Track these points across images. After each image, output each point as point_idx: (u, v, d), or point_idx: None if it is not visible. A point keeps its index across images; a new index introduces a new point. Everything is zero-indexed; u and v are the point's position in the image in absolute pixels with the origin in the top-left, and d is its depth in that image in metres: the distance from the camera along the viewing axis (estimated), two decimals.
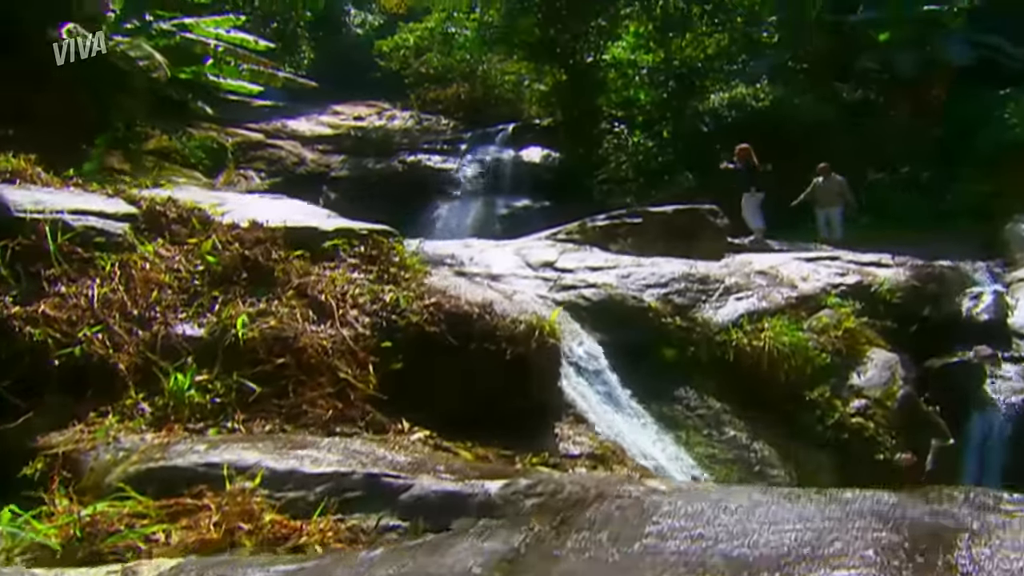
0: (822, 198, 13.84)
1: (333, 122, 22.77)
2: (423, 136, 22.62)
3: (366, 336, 4.44)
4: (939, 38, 17.61)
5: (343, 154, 20.84)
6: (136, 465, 2.98)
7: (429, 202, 19.96)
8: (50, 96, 12.73)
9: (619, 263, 7.63)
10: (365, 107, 24.81)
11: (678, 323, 6.70)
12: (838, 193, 13.72)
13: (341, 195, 19.63)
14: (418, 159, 21.06)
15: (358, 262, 5.48)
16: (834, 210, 13.77)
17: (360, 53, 25.96)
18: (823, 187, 13.82)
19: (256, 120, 20.99)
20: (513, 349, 4.79)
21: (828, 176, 13.84)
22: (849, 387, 6.64)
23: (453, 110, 24.72)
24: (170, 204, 5.03)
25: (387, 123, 23.51)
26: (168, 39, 12.56)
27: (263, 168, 19.13)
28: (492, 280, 7.22)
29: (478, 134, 22.46)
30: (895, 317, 7.75)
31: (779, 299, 7.24)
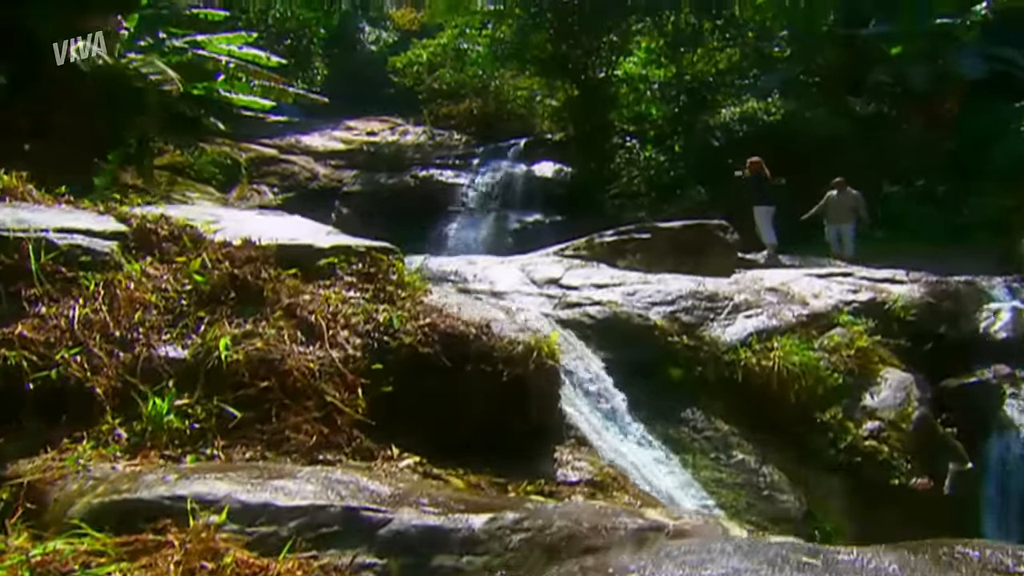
0: (834, 213, 13.46)
1: (346, 137, 22.76)
2: (435, 151, 22.56)
3: (356, 358, 4.26)
4: (952, 51, 17.30)
5: (355, 169, 20.82)
6: (101, 497, 2.80)
7: (441, 217, 19.87)
8: (65, 112, 12.76)
9: (625, 280, 7.41)
10: (378, 122, 24.81)
11: (685, 342, 6.47)
12: (852, 208, 13.32)
13: (353, 210, 19.59)
14: (430, 174, 20.99)
15: (355, 280, 5.31)
16: (846, 226, 13.35)
17: (374, 69, 26.03)
18: (837, 201, 13.47)
19: (270, 135, 21.03)
20: (510, 371, 4.59)
21: (843, 190, 13.46)
22: (862, 408, 6.36)
23: (466, 125, 24.67)
24: (162, 222, 4.89)
25: (400, 138, 23.48)
26: (180, 56, 12.55)
27: (276, 183, 19.13)
28: (496, 297, 7.04)
29: (490, 149, 22.38)
30: (910, 335, 7.46)
31: (789, 317, 6.99)
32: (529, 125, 24.74)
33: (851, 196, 13.39)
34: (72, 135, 13.02)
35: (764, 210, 12.74)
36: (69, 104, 12.68)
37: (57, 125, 12.87)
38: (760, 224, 12.67)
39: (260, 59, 13.74)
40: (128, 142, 12.68)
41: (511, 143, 22.45)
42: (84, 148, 13.20)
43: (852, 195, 13.41)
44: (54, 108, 12.79)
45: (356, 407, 3.99)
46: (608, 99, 22.03)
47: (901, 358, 7.15)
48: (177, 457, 3.37)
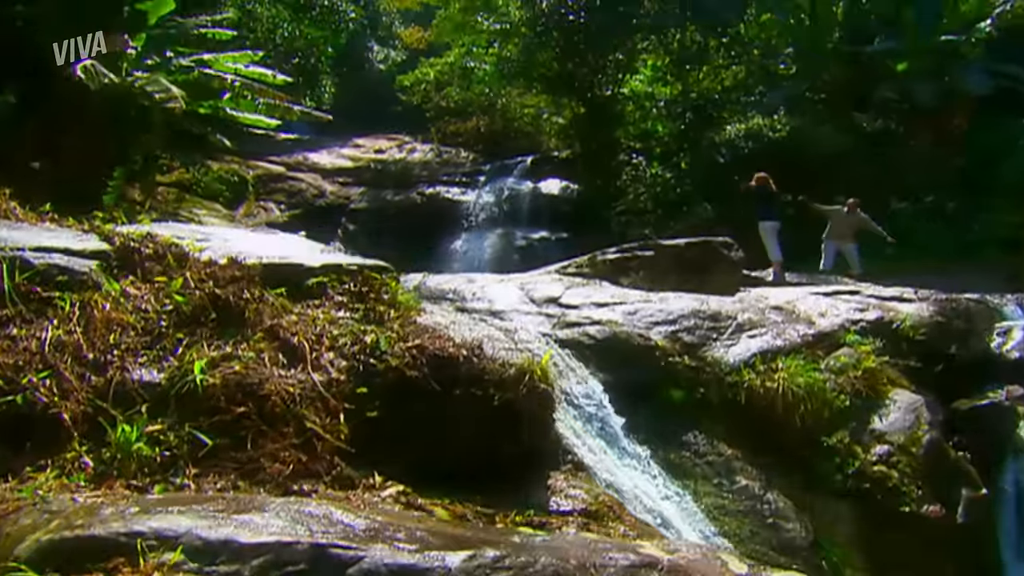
0: (836, 229, 13.18)
1: (354, 155, 22.74)
2: (442, 168, 22.50)
3: (340, 381, 4.07)
4: (958, 68, 17.09)
5: (363, 186, 20.76)
6: (52, 533, 2.61)
7: (447, 234, 19.76)
8: (73, 131, 12.74)
9: (626, 299, 7.20)
10: (386, 140, 24.80)
11: (687, 363, 6.24)
12: (857, 230, 13.10)
13: (359, 227, 19.51)
14: (437, 191, 20.89)
15: (346, 300, 5.14)
16: (849, 245, 13.10)
17: (383, 88, 26.09)
18: (843, 219, 13.20)
19: (278, 153, 21.02)
20: (502, 395, 4.39)
21: (853, 211, 13.21)
22: (870, 432, 6.09)
23: (473, 143, 24.64)
24: (147, 240, 4.74)
25: (407, 156, 23.45)
26: (187, 74, 12.50)
27: (283, 200, 19.07)
28: (494, 316, 6.85)
29: (496, 166, 22.29)
30: (919, 355, 7.19)
31: (795, 337, 6.75)
32: (536, 143, 24.69)
33: (860, 218, 13.17)
34: (80, 153, 12.99)
35: (770, 226, 12.45)
36: (77, 122, 12.66)
37: (65, 143, 12.86)
38: (766, 240, 12.37)
39: (266, 77, 13.69)
40: (134, 159, 12.63)
41: (518, 160, 22.35)
42: (92, 166, 13.15)
43: (861, 217, 13.19)
44: (62, 126, 12.77)
45: (338, 433, 3.80)
46: (614, 117, 21.93)
47: (910, 379, 6.87)
48: (144, 487, 3.18)
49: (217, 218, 17.38)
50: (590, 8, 19.64)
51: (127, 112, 12.19)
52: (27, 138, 12.88)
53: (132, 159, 12.56)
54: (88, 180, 13.08)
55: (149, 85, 11.04)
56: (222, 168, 18.78)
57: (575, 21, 19.80)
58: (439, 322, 6.33)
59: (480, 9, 20.24)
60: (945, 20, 17.64)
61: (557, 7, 19.49)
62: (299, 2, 18.61)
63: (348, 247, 19.15)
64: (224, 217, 17.70)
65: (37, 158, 13.19)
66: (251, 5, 15.80)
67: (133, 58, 12.48)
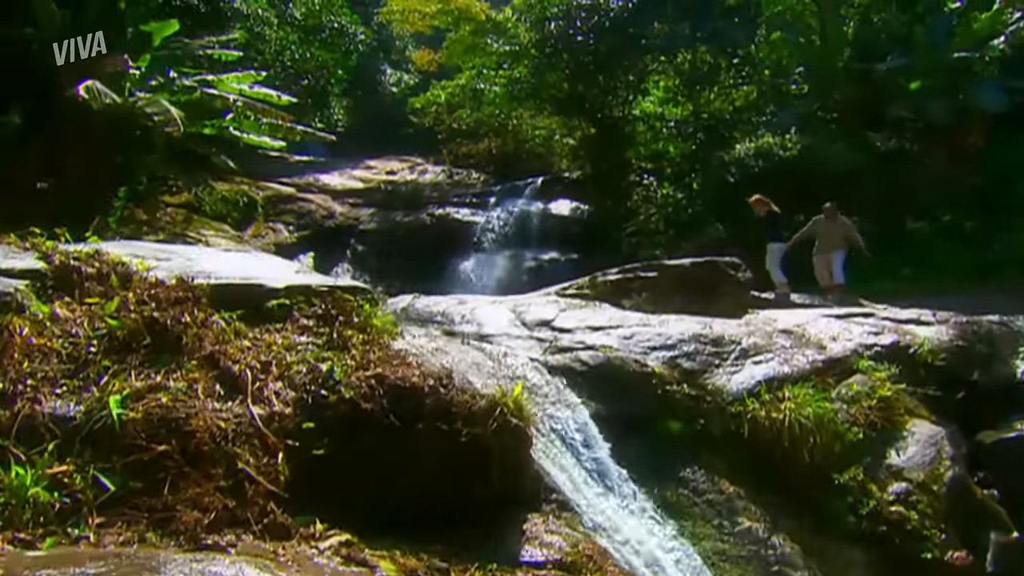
0: (823, 241, 12.01)
1: (365, 176, 22.44)
2: (453, 189, 22.13)
3: (284, 415, 3.58)
4: (972, 85, 16.46)
5: (372, 207, 20.42)
6: None
7: (456, 255, 19.33)
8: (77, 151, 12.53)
9: (624, 321, 6.67)
10: (398, 162, 24.52)
11: (686, 391, 5.68)
12: (842, 237, 11.84)
13: (368, 248, 19.14)
14: (446, 212, 20.50)
15: (312, 324, 4.67)
16: (836, 254, 11.78)
17: (396, 111, 25.90)
18: (825, 229, 12.04)
19: (289, 175, 20.78)
20: (470, 430, 3.87)
21: (834, 218, 12.02)
22: (886, 468, 5.48)
23: (484, 164, 24.30)
24: (92, 259, 4.30)
25: (418, 177, 23.12)
26: (189, 94, 12.23)
27: (292, 221, 18.76)
28: (482, 340, 6.34)
29: (507, 187, 21.91)
30: (939, 382, 6.55)
31: (803, 363, 6.17)
32: (547, 163, 24.29)
33: (841, 224, 11.99)
34: (84, 173, 12.77)
35: (777, 247, 11.79)
36: (81, 143, 12.44)
37: (69, 163, 12.63)
38: (770, 262, 11.66)
39: (271, 98, 13.42)
40: (138, 180, 12.35)
41: (528, 181, 21.96)
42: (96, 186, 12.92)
43: (843, 222, 12.01)
44: (67, 146, 12.56)
45: (275, 474, 3.30)
46: (625, 137, 21.51)
47: (930, 408, 6.24)
48: (32, 540, 2.70)
49: (225, 239, 17.08)
50: (599, 30, 19.28)
51: (130, 132, 11.95)
52: (32, 158, 12.67)
53: (135, 179, 12.28)
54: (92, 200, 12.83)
55: (149, 106, 10.76)
56: (232, 189, 18.55)
57: (584, 43, 19.44)
58: (421, 346, 5.83)
59: (490, 31, 19.94)
60: (957, 37, 17.05)
61: (566, 29, 19.15)
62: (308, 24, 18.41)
63: (356, 268, 18.80)
64: (232, 238, 17.41)
65: (42, 178, 12.98)
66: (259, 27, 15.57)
67: (137, 78, 12.26)
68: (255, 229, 18.12)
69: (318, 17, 18.63)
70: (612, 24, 19.21)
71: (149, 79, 12.34)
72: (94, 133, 12.23)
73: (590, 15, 19.01)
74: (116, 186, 12.60)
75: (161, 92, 12.06)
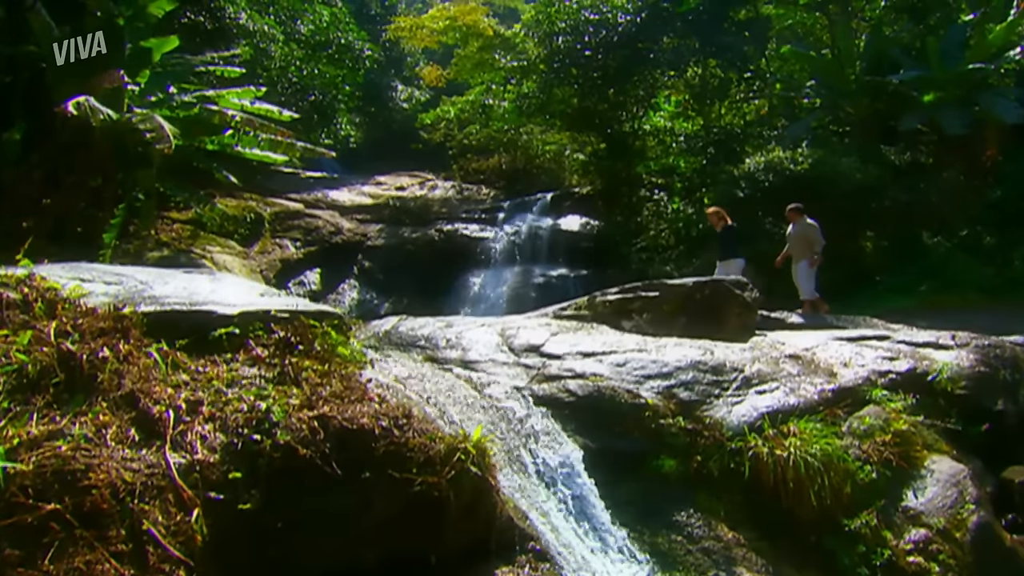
0: (795, 249, 10.67)
1: (374, 192, 22.10)
2: (462, 205, 21.73)
3: (208, 464, 3.09)
4: (987, 97, 15.79)
5: (381, 223, 20.04)
6: None
7: (464, 271, 18.90)
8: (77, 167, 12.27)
9: (619, 347, 6.13)
10: (408, 177, 24.19)
11: (682, 424, 5.12)
12: (809, 240, 10.44)
13: (375, 264, 18.74)
14: (455, 228, 20.09)
15: (268, 353, 4.19)
16: (799, 265, 10.51)
17: (407, 127, 25.63)
18: (791, 235, 10.79)
19: (298, 190, 20.49)
20: (424, 478, 3.36)
21: (798, 221, 10.68)
22: (903, 512, 4.89)
23: (495, 179, 23.92)
24: (21, 284, 3.86)
25: (428, 193, 22.75)
26: (188, 110, 11.91)
27: (299, 237, 18.41)
28: (465, 367, 5.85)
29: (516, 203, 21.50)
30: (960, 413, 5.94)
31: (811, 393, 5.59)
32: (558, 179, 23.88)
33: (803, 227, 10.57)
34: (83, 189, 12.51)
35: (737, 264, 10.77)
36: (82, 159, 12.18)
37: (69, 179, 12.37)
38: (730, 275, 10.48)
39: (272, 113, 13.10)
40: (135, 196, 12.04)
41: (537, 196, 21.55)
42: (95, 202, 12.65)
43: (806, 225, 10.57)
44: (67, 163, 12.31)
45: (187, 535, 2.81)
46: (635, 152, 21.04)
47: (950, 442, 5.64)
48: None
49: (230, 255, 16.78)
50: (608, 45, 18.84)
51: (128, 149, 11.64)
52: (33, 174, 12.43)
53: (132, 196, 11.97)
54: (91, 216, 12.56)
55: (143, 123, 10.42)
56: (240, 205, 18.26)
57: (593, 58, 19.01)
58: (396, 374, 5.36)
59: (498, 47, 19.58)
60: (972, 49, 16.41)
61: (574, 44, 18.72)
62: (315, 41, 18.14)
63: (363, 284, 18.39)
64: (238, 254, 17.10)
65: (44, 194, 12.72)
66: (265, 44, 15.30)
67: (137, 94, 11.96)
68: (261, 245, 17.80)
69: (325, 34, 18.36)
70: (621, 39, 18.76)
71: (149, 95, 12.05)
72: (94, 149, 11.95)
73: (598, 30, 18.58)
74: (116, 203, 12.29)
75: (159, 108, 11.75)
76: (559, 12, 18.57)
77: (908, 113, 16.04)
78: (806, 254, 10.48)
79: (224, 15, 14.45)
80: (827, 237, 15.20)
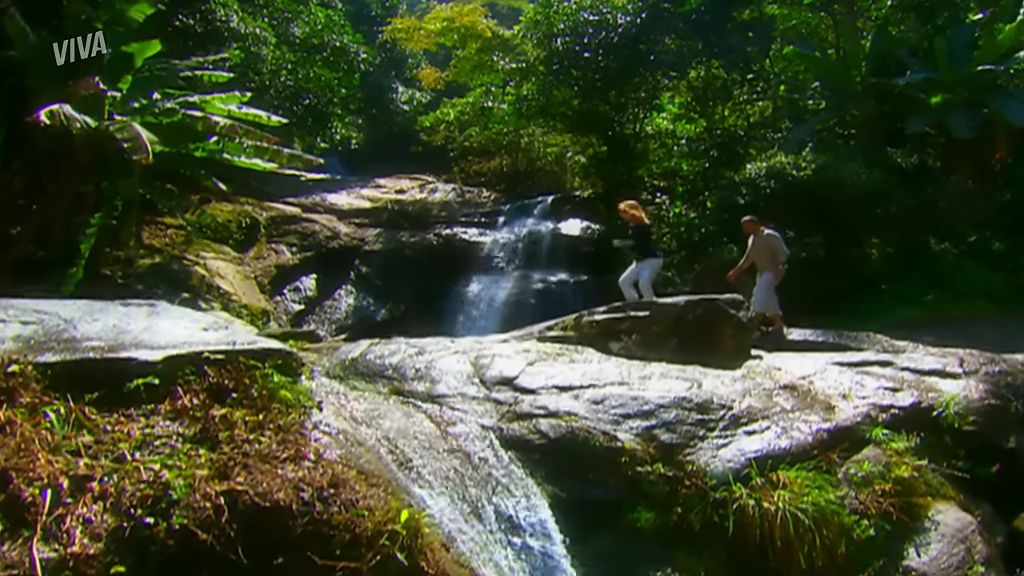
0: (758, 262, 10.08)
1: (373, 195, 21.65)
2: (462, 208, 21.26)
3: (87, 557, 2.63)
4: (997, 99, 15.15)
5: (379, 228, 19.58)
6: None
7: (463, 276, 18.45)
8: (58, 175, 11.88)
9: (599, 379, 5.64)
10: (408, 180, 23.72)
11: (661, 471, 4.63)
12: (773, 251, 9.81)
13: (373, 270, 18.30)
14: (454, 232, 19.62)
15: (195, 404, 3.73)
16: (765, 275, 9.82)
17: (408, 128, 25.18)
18: (753, 248, 10.16)
19: (296, 194, 20.07)
20: (347, 564, 2.89)
21: (757, 233, 10.11)
22: (903, 572, 4.38)
23: (496, 182, 23.45)
24: None
25: (427, 196, 22.28)
26: (171, 117, 11.47)
27: (295, 242, 17.98)
28: (431, 403, 5.37)
29: (516, 206, 21.02)
30: (968, 452, 5.41)
31: (805, 434, 5.07)
32: (560, 181, 23.39)
33: (764, 238, 9.98)
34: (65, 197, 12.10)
35: (655, 262, 9.89)
36: (63, 166, 11.78)
37: (53, 188, 11.98)
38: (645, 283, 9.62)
39: (261, 119, 12.62)
40: (114, 205, 11.62)
41: (538, 200, 21.08)
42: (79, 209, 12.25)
43: (767, 236, 9.96)
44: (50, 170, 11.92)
45: None
46: (637, 155, 20.51)
47: (957, 487, 5.11)
48: None
49: (224, 261, 16.37)
50: (608, 46, 18.27)
51: (109, 157, 11.21)
52: (15, 180, 12.05)
53: (112, 204, 11.55)
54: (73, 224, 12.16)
55: (120, 132, 9.97)
56: (235, 210, 17.86)
57: (592, 59, 18.45)
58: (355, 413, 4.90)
59: (496, 49, 19.05)
60: (980, 50, 15.76)
61: (573, 46, 18.16)
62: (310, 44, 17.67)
63: (360, 290, 17.93)
64: (232, 260, 16.69)
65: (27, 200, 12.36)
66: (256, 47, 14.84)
67: (119, 100, 11.52)
68: (256, 250, 17.39)
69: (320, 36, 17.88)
70: (621, 40, 18.19)
71: (131, 101, 11.60)
72: (76, 156, 11.55)
73: (598, 31, 18.02)
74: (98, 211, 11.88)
75: (141, 115, 11.31)
76: (558, 13, 18.03)
77: (915, 115, 15.42)
78: (770, 266, 9.86)
79: (215, 18, 13.99)
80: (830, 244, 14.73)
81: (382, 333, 17.30)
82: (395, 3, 26.61)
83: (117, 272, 13.58)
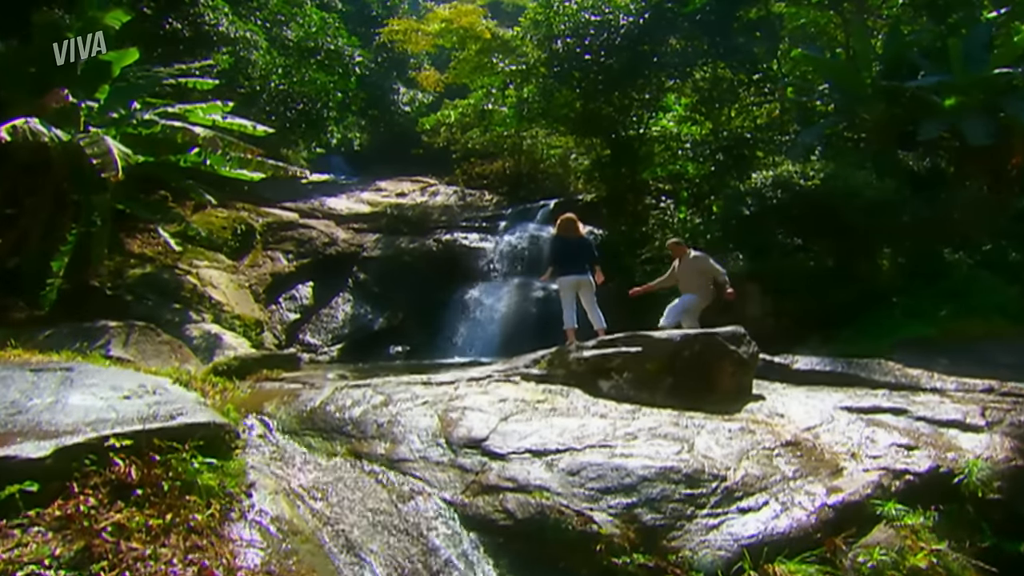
0: (683, 282, 9.75)
1: (373, 199, 21.04)
2: (463, 213, 20.63)
3: None
4: (1013, 102, 14.30)
5: (378, 233, 19.02)
6: None
7: (462, 283, 17.88)
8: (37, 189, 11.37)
9: (579, 439, 4.98)
10: (410, 183, 23.10)
11: (641, 561, 3.98)
12: (704, 272, 9.53)
13: (371, 277, 17.74)
14: (454, 238, 19.02)
15: (89, 506, 3.13)
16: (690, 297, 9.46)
17: (410, 130, 24.56)
18: (682, 269, 9.81)
19: (294, 199, 19.51)
20: None
21: (684, 255, 9.89)
22: None
23: (498, 185, 22.81)
24: None
25: (428, 200, 21.65)
26: (150, 128, 10.88)
27: (291, 249, 17.43)
28: (389, 468, 4.75)
29: (518, 210, 20.41)
30: (994, 525, 4.73)
31: (807, 512, 4.40)
32: (563, 183, 22.71)
33: (694, 260, 9.76)
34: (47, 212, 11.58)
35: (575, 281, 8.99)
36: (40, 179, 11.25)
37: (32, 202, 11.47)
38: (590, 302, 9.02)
39: (246, 128, 12.04)
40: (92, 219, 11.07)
41: (540, 204, 20.44)
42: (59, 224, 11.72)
43: (695, 258, 9.80)
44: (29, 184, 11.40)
45: None
46: (641, 158, 19.77)
47: (981, 570, 4.44)
48: None
49: (218, 270, 15.82)
50: (610, 47, 17.51)
51: (84, 171, 10.66)
52: None
53: (91, 219, 11.00)
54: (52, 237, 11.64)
55: (91, 147, 9.39)
56: (231, 216, 17.32)
57: (594, 60, 17.70)
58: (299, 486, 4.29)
59: (496, 50, 18.32)
60: (997, 51, 14.89)
61: (574, 47, 17.42)
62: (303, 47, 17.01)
63: (358, 298, 17.33)
64: (226, 268, 16.14)
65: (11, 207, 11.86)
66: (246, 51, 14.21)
67: (96, 111, 10.95)
68: (252, 258, 16.85)
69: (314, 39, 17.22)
70: (623, 41, 17.43)
71: (110, 111, 11.03)
72: (53, 170, 11.00)
73: (599, 32, 17.26)
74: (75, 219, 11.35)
75: (119, 126, 10.74)
76: (558, 14, 17.28)
77: (928, 119, 14.58)
78: (695, 288, 9.52)
79: (203, 22, 13.37)
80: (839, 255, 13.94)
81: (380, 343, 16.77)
82: (396, 3, 25.90)
83: (106, 284, 13.06)
